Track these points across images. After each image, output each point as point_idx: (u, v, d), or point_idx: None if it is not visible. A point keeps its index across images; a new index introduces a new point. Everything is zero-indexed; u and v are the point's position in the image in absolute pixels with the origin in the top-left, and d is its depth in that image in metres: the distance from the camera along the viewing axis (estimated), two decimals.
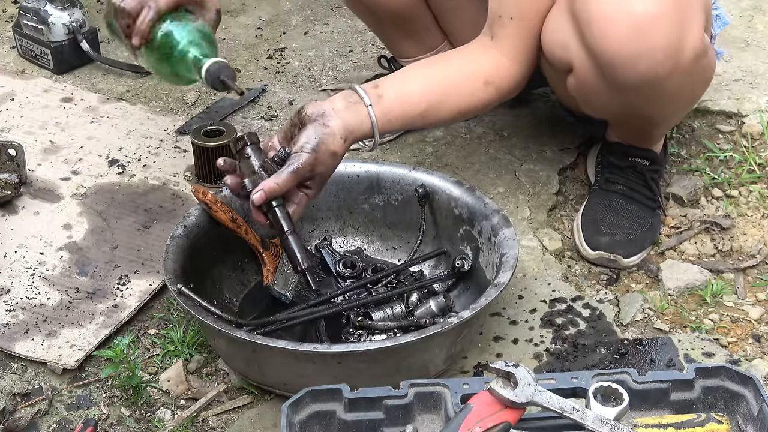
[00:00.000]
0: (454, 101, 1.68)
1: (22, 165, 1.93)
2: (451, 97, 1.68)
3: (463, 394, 1.27)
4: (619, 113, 1.77)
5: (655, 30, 1.54)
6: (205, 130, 1.96)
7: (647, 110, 1.75)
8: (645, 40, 1.54)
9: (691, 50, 1.57)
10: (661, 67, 1.56)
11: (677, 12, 1.55)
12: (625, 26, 1.54)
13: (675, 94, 1.69)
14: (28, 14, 2.32)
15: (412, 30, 2.06)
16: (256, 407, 1.56)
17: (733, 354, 1.63)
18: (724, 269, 1.80)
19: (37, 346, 1.62)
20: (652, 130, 1.85)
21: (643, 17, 1.53)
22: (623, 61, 1.56)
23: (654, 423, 1.25)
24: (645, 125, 1.83)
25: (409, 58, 2.10)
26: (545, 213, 1.93)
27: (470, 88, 1.69)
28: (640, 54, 1.55)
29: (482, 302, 1.49)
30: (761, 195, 1.96)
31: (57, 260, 1.80)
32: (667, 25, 1.54)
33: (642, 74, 1.57)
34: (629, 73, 1.57)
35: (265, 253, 1.66)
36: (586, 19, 1.57)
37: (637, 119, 1.80)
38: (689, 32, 1.57)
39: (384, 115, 1.61)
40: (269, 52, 2.46)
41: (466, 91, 1.69)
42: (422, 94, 1.66)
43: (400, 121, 1.65)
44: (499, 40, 1.69)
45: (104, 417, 1.54)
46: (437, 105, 1.67)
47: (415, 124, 1.73)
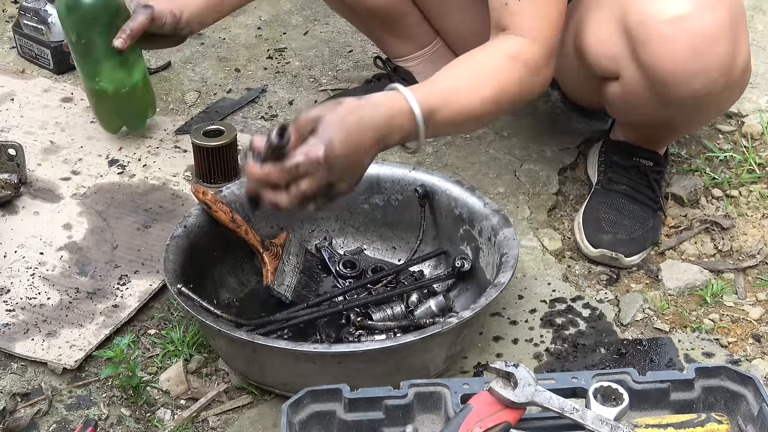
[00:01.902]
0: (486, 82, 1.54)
1: (22, 165, 1.93)
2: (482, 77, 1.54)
3: (463, 394, 1.27)
4: (653, 121, 1.77)
5: (712, 49, 1.53)
6: (205, 130, 1.96)
7: (684, 120, 1.77)
8: (702, 59, 1.53)
9: (742, 65, 1.58)
10: (715, 85, 1.57)
11: (732, 28, 1.54)
12: (683, 46, 1.52)
13: (718, 108, 1.73)
14: (28, 14, 2.32)
15: (400, 28, 2.06)
16: (256, 407, 1.56)
17: (733, 354, 1.63)
18: (724, 269, 1.80)
19: (37, 346, 1.62)
20: (672, 136, 1.87)
21: (701, 37, 1.52)
22: (678, 79, 1.56)
23: (654, 423, 1.25)
24: (668, 132, 1.85)
25: (402, 57, 2.11)
26: (545, 213, 1.93)
27: (497, 66, 1.55)
28: (696, 73, 1.54)
29: (482, 302, 1.49)
30: (761, 195, 1.96)
31: (57, 260, 1.80)
32: (723, 43, 1.54)
33: (695, 91, 1.57)
34: (682, 90, 1.57)
35: (265, 253, 1.66)
36: (641, 37, 1.55)
37: (665, 127, 1.81)
38: (741, 48, 1.57)
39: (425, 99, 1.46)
40: (269, 52, 2.46)
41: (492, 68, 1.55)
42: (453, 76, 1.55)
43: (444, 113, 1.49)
44: (513, 28, 1.58)
45: (104, 417, 1.54)
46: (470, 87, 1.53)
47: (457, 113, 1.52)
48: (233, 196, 1.73)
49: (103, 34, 1.91)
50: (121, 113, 2.04)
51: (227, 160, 1.95)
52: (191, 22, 1.88)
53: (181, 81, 2.35)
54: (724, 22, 1.53)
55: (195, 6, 1.87)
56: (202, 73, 2.38)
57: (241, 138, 2.06)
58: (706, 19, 1.52)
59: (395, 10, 2.02)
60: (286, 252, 1.69)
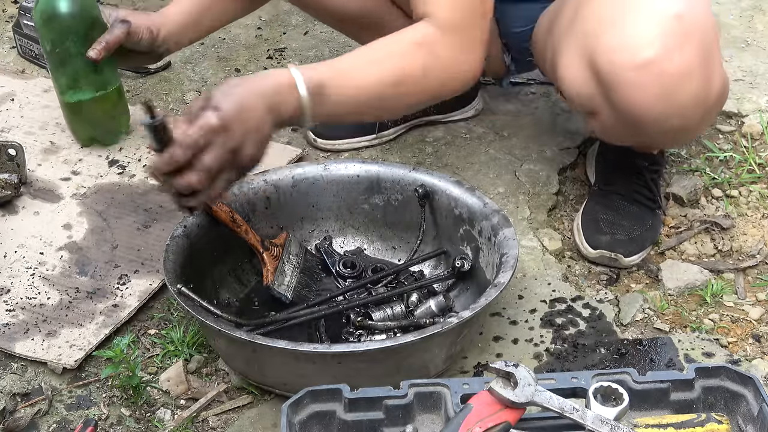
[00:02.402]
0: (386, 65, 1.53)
1: (22, 165, 1.93)
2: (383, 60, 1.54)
3: (463, 394, 1.27)
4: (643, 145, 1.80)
5: (683, 89, 1.51)
6: None
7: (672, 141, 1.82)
8: (674, 100, 1.52)
9: (717, 92, 1.57)
10: (690, 119, 1.57)
11: (703, 62, 1.52)
12: (654, 90, 1.51)
13: (700, 128, 1.73)
14: (28, 14, 2.32)
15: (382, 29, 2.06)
16: (256, 407, 1.56)
17: (733, 354, 1.63)
18: (724, 269, 1.81)
19: (37, 346, 1.62)
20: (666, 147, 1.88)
21: (671, 79, 1.50)
22: (653, 120, 1.55)
23: (654, 423, 1.25)
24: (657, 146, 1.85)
25: None
26: (545, 213, 1.93)
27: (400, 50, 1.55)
28: (670, 114, 1.54)
29: (482, 302, 1.49)
30: (761, 195, 1.96)
31: (57, 260, 1.80)
32: (694, 81, 1.52)
33: (672, 127, 1.58)
34: (658, 128, 1.58)
35: (265, 253, 1.66)
36: (612, 84, 1.53)
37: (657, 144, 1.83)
38: (714, 76, 1.55)
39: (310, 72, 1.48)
40: (269, 52, 2.46)
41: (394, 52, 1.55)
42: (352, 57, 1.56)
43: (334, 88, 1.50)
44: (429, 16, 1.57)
45: (104, 417, 1.54)
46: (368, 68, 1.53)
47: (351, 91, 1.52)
48: (233, 196, 1.73)
49: (78, 45, 1.92)
50: (93, 126, 2.05)
51: None
52: (168, 41, 1.90)
53: (181, 81, 2.35)
54: (693, 59, 1.50)
55: (173, 24, 1.89)
56: (202, 73, 2.38)
57: None
58: (674, 62, 1.49)
59: (373, 12, 2.02)
60: (286, 252, 1.69)
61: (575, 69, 1.60)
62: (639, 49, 1.50)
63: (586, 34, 1.57)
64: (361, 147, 2.11)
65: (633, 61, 1.50)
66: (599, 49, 1.54)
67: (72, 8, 1.91)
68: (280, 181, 1.77)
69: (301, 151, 2.08)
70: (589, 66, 1.57)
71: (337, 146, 2.10)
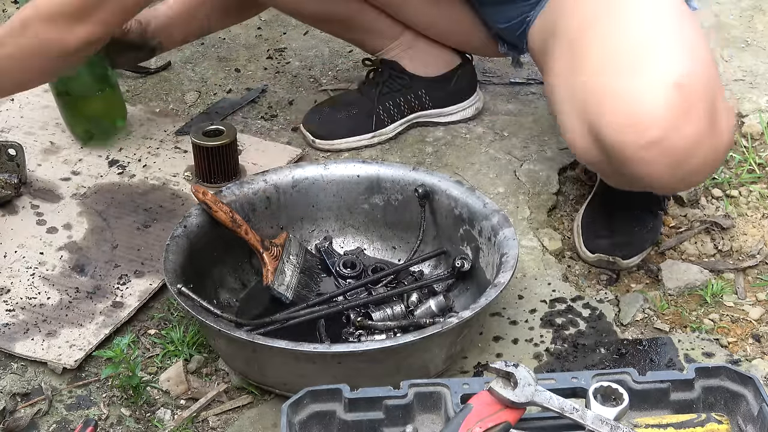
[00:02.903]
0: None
1: (22, 165, 1.93)
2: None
3: (463, 394, 1.27)
4: None
5: (693, 157, 1.46)
6: (205, 130, 1.96)
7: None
8: (684, 169, 1.47)
9: (725, 144, 1.51)
10: (699, 178, 1.57)
11: (710, 125, 1.46)
12: (664, 166, 1.46)
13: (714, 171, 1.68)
14: None
15: (362, 26, 2.08)
16: (256, 407, 1.56)
17: (733, 354, 1.63)
18: (724, 269, 1.81)
19: (37, 346, 1.62)
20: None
21: (680, 152, 1.45)
22: (662, 186, 1.55)
23: (654, 423, 1.25)
24: None
25: (378, 51, 2.12)
26: (545, 213, 1.93)
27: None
28: (680, 181, 1.52)
29: (482, 302, 1.49)
30: (761, 195, 1.96)
31: (57, 260, 1.80)
32: (704, 148, 1.47)
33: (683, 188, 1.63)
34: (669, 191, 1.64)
35: (265, 253, 1.67)
36: (620, 159, 1.48)
37: None
38: (723, 132, 1.49)
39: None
40: (269, 52, 2.46)
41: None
42: None
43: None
44: None
45: (104, 417, 1.54)
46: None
47: None
48: (233, 196, 1.73)
49: None
50: (89, 121, 2.04)
51: (227, 160, 1.96)
52: (158, 34, 1.94)
53: (181, 81, 2.35)
54: (700, 127, 1.45)
55: (162, 17, 1.93)
56: (202, 73, 2.38)
57: (241, 138, 2.06)
58: (681, 136, 1.44)
59: (347, 11, 2.03)
60: (286, 252, 1.69)
61: (578, 135, 1.54)
62: (645, 129, 1.43)
63: (586, 102, 1.50)
64: (361, 147, 2.11)
65: (640, 141, 1.44)
66: (603, 124, 1.47)
67: None
68: (280, 181, 1.77)
69: (301, 151, 2.08)
70: (593, 138, 1.51)
71: (336, 146, 2.10)
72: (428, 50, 2.11)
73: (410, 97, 2.12)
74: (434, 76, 2.12)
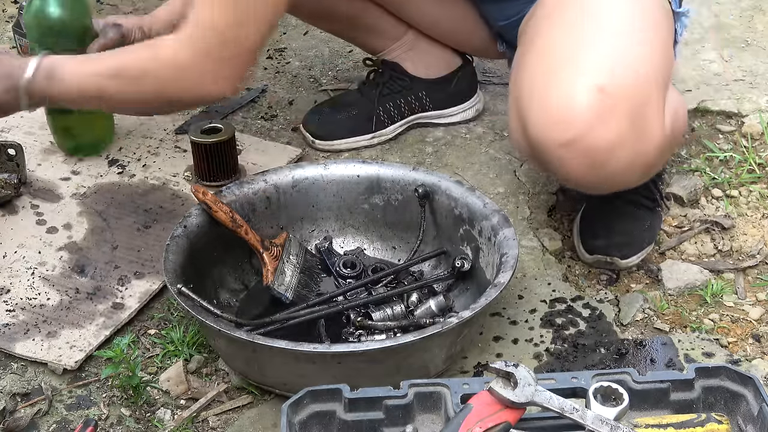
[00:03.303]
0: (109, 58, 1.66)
1: (22, 165, 1.94)
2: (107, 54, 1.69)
3: (463, 394, 1.27)
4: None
5: (612, 159, 1.49)
6: (203, 128, 1.96)
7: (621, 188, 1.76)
8: (603, 170, 1.50)
9: (654, 151, 1.54)
10: (627, 179, 1.59)
11: (633, 128, 1.49)
12: (582, 165, 1.49)
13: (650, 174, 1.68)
14: None
15: (366, 26, 2.07)
16: (256, 407, 1.56)
17: (733, 354, 1.63)
18: (724, 269, 1.81)
19: (37, 347, 1.62)
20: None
21: (598, 153, 1.48)
22: (588, 185, 1.57)
23: (654, 423, 1.25)
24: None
25: (381, 51, 2.11)
26: (545, 213, 1.93)
27: (130, 48, 1.70)
28: (602, 181, 1.54)
29: (482, 302, 1.49)
30: (761, 195, 1.96)
31: (57, 260, 1.80)
32: (624, 150, 1.49)
33: (610, 188, 1.62)
34: (597, 191, 1.64)
35: (265, 253, 1.67)
36: (543, 157, 1.52)
37: None
38: (649, 139, 1.52)
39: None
40: (269, 52, 2.46)
41: (125, 50, 1.70)
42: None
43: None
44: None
45: (104, 417, 1.54)
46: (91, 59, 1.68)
47: (68, 77, 1.61)
48: (233, 196, 1.73)
49: (69, 50, 1.91)
50: (77, 135, 2.04)
51: (226, 157, 1.96)
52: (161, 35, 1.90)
53: None
54: (621, 129, 1.47)
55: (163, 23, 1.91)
56: None
57: (240, 138, 2.06)
58: (600, 136, 1.46)
59: (351, 10, 2.03)
60: (286, 252, 1.69)
61: (514, 131, 1.59)
62: (564, 128, 1.47)
63: (518, 99, 1.55)
64: (360, 147, 2.11)
65: (559, 140, 1.47)
66: (529, 123, 1.51)
67: (65, 14, 1.90)
68: (280, 181, 1.77)
69: (301, 151, 2.08)
70: (523, 135, 1.54)
71: (336, 146, 2.10)
72: (429, 51, 2.11)
73: (411, 98, 2.12)
74: (435, 77, 2.12)
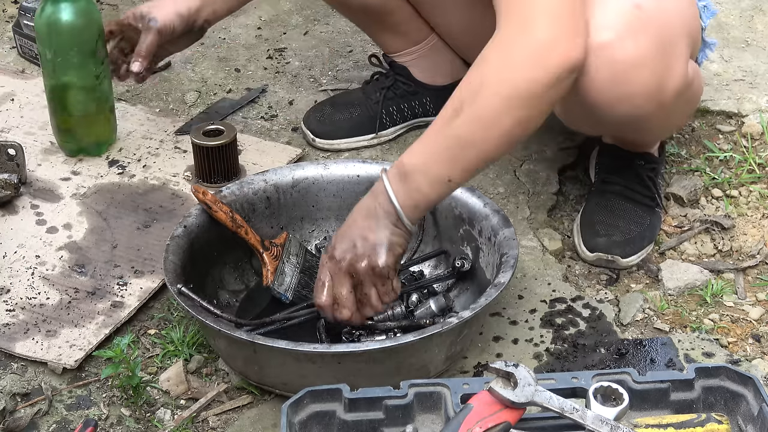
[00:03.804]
0: (452, 95, 1.48)
1: (22, 165, 1.93)
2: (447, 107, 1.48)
3: (463, 394, 1.27)
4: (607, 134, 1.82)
5: (634, 77, 1.52)
6: (204, 130, 1.96)
7: (634, 136, 1.81)
8: (623, 86, 1.52)
9: (673, 89, 1.57)
10: (641, 110, 1.57)
11: (659, 54, 1.53)
12: (604, 75, 1.50)
13: (659, 125, 1.72)
14: (28, 14, 2.32)
15: (392, 24, 2.06)
16: (256, 407, 1.56)
17: (733, 354, 1.63)
18: (724, 269, 1.81)
19: (37, 346, 1.62)
20: (643, 143, 1.87)
21: (622, 65, 1.50)
22: (602, 105, 1.55)
23: (654, 423, 1.25)
24: (636, 141, 1.85)
25: (396, 53, 2.11)
26: (545, 213, 1.93)
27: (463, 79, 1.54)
28: (619, 100, 1.54)
29: (482, 302, 1.49)
30: (761, 195, 1.96)
31: (57, 260, 1.80)
32: (646, 70, 1.52)
33: (621, 116, 1.57)
34: (608, 114, 1.56)
35: (265, 253, 1.66)
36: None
37: (627, 139, 1.84)
38: (671, 72, 1.55)
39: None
40: (269, 52, 2.46)
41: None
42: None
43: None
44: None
45: (104, 417, 1.54)
46: (436, 123, 1.48)
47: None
48: (233, 196, 1.73)
49: (80, 55, 1.92)
50: (81, 137, 2.04)
51: (227, 160, 1.95)
52: (201, 13, 1.87)
53: (181, 81, 2.35)
54: (648, 48, 1.51)
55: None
56: (202, 73, 2.38)
57: (241, 138, 2.06)
58: (626, 48, 1.50)
59: (385, 6, 2.02)
60: (286, 252, 1.69)
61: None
62: (594, 34, 1.49)
63: None
64: (360, 147, 2.11)
65: (591, 44, 1.49)
66: None
67: (77, 20, 1.90)
68: (280, 181, 1.77)
69: (301, 151, 2.08)
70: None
71: (336, 146, 2.10)
72: (440, 60, 2.11)
73: (414, 103, 2.12)
74: (441, 85, 2.11)
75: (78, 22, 1.91)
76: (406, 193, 1.47)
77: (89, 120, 2.02)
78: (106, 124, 2.05)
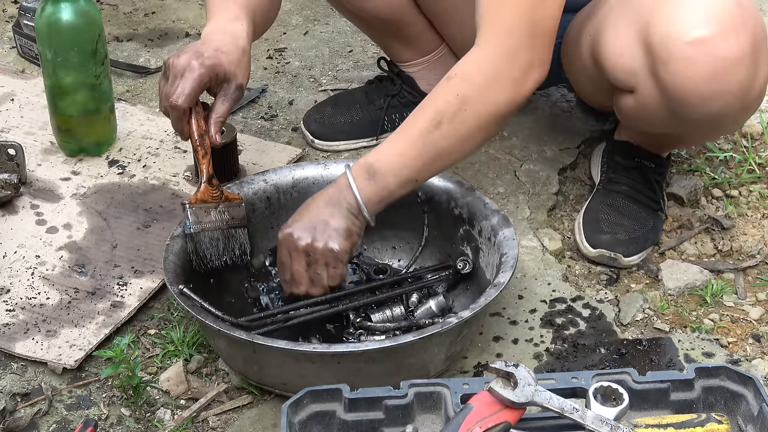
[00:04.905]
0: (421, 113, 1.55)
1: (22, 165, 1.93)
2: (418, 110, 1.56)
3: (463, 394, 1.27)
4: (664, 134, 1.77)
5: (732, 73, 1.52)
6: None
7: (695, 136, 1.80)
8: (721, 82, 1.52)
9: (758, 91, 1.58)
10: (731, 108, 1.57)
11: (753, 53, 1.53)
12: (704, 68, 1.51)
13: (730, 127, 1.75)
14: (28, 14, 2.32)
15: (405, 35, 2.06)
16: (256, 407, 1.56)
17: (733, 354, 1.63)
18: (724, 269, 1.81)
19: (37, 346, 1.62)
20: (679, 146, 1.88)
21: (723, 61, 1.50)
22: (696, 101, 1.55)
23: (654, 423, 1.25)
24: (676, 143, 1.86)
25: (406, 62, 2.11)
26: (545, 213, 1.93)
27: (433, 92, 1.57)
28: (714, 96, 1.54)
29: (482, 302, 1.49)
30: (761, 195, 1.96)
31: (57, 260, 1.80)
32: (743, 68, 1.53)
33: (711, 113, 1.57)
34: (698, 111, 1.56)
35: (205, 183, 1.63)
36: (663, 56, 1.53)
37: (674, 138, 1.83)
38: (761, 72, 1.56)
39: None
40: (269, 52, 2.46)
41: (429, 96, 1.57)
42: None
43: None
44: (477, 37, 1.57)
45: (104, 417, 1.54)
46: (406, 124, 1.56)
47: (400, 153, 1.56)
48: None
49: (80, 55, 1.92)
50: (81, 138, 2.03)
51: (227, 160, 1.95)
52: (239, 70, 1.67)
53: None
54: (746, 46, 1.52)
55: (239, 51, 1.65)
56: None
57: (241, 138, 2.05)
58: (728, 44, 1.50)
59: (401, 19, 2.01)
60: (225, 206, 1.64)
61: (623, 41, 1.60)
62: (696, 25, 1.50)
63: (642, 8, 1.57)
64: (360, 148, 2.11)
65: (689, 36, 1.50)
66: (654, 21, 1.54)
67: (77, 21, 1.90)
68: (280, 181, 1.77)
69: (301, 151, 2.08)
70: (640, 38, 1.56)
71: (335, 147, 2.10)
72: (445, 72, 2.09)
73: None
74: None
75: (78, 22, 1.91)
76: (372, 190, 1.55)
77: (89, 120, 2.02)
78: (106, 124, 2.05)
